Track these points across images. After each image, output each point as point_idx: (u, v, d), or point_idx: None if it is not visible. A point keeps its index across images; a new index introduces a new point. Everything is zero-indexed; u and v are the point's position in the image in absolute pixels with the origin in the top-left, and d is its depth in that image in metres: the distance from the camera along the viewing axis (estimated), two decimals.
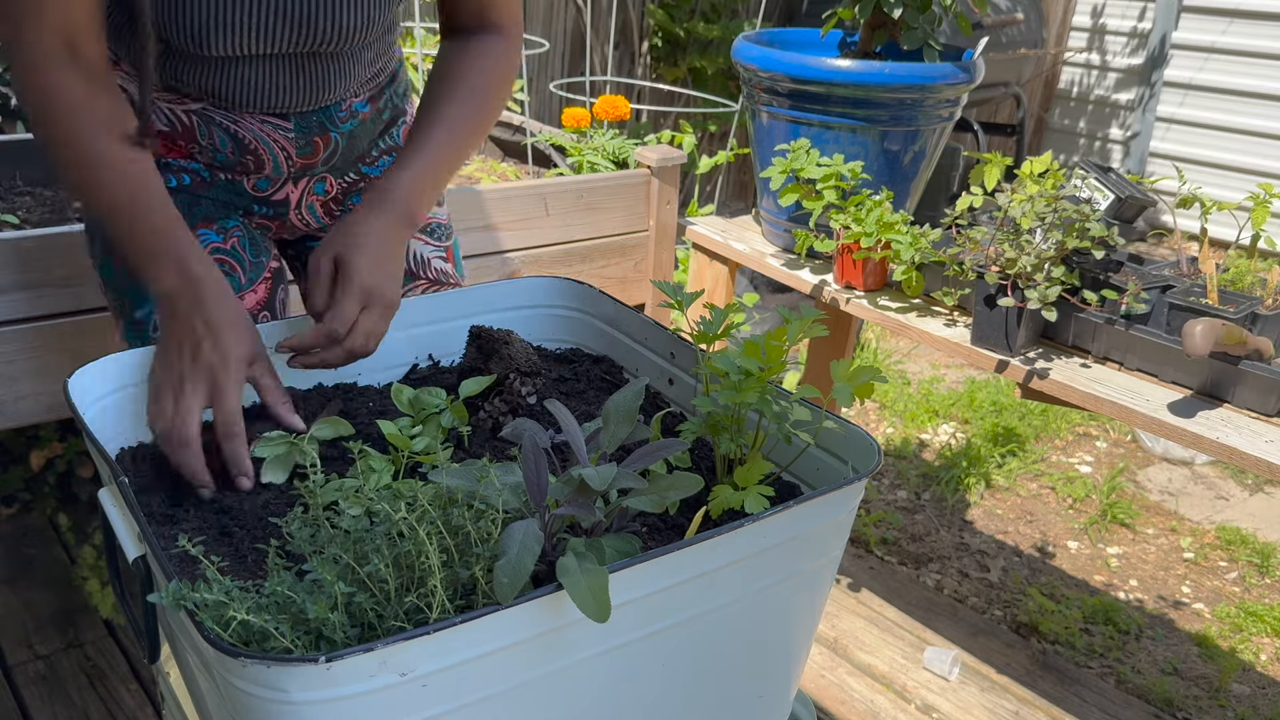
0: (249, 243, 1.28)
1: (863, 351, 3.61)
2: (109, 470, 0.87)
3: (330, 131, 1.26)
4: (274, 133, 1.22)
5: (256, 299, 1.28)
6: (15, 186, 1.98)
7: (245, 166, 1.24)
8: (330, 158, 1.28)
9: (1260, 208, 1.42)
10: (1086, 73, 5.23)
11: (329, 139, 1.26)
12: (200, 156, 1.24)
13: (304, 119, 1.23)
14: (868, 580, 2.45)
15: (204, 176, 1.25)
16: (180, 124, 1.21)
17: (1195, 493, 3.00)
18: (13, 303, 1.54)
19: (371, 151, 1.35)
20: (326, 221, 1.36)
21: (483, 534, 0.77)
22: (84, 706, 1.98)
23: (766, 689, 0.98)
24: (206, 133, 1.21)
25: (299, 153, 1.25)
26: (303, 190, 1.30)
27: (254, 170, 1.25)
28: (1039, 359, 1.49)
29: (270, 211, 1.31)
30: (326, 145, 1.26)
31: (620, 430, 0.91)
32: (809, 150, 1.69)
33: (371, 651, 0.66)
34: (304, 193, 1.31)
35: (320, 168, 1.29)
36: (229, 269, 1.25)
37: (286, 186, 1.29)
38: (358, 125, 1.29)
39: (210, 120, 1.20)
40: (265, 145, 1.22)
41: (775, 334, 0.96)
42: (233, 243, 1.26)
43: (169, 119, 1.21)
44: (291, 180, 1.29)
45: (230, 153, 1.22)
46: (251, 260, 1.28)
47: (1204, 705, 2.15)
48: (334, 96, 1.23)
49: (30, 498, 2.52)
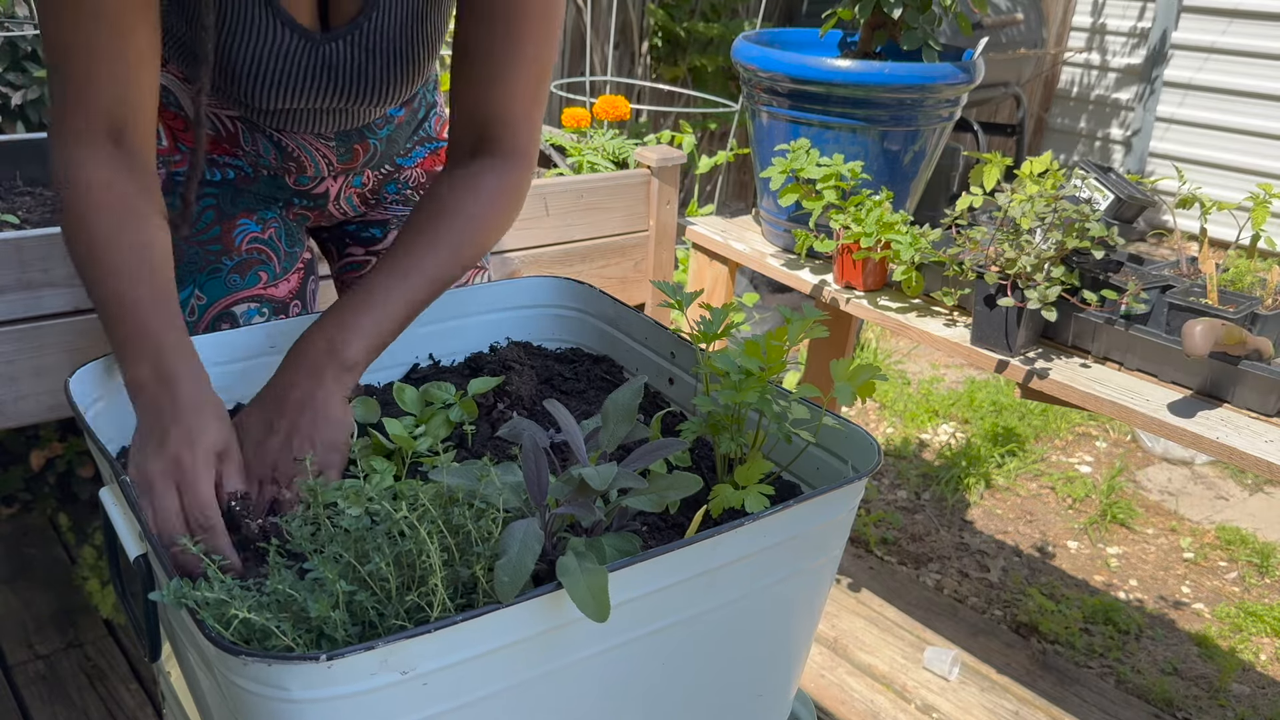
0: (285, 234, 1.33)
1: (863, 351, 3.61)
2: (110, 469, 0.87)
3: (369, 139, 1.30)
4: (316, 142, 1.26)
5: (290, 288, 1.33)
6: (15, 186, 1.98)
7: (288, 170, 1.28)
8: (370, 160, 1.33)
9: (1260, 208, 1.42)
10: (1086, 72, 5.23)
11: (368, 145, 1.30)
12: (244, 157, 1.27)
13: (344, 134, 1.27)
14: (868, 580, 2.45)
15: (247, 172, 1.29)
16: (225, 129, 1.24)
17: (1195, 493, 3.00)
18: (13, 303, 1.54)
19: (406, 145, 1.39)
20: (362, 209, 1.40)
21: (483, 533, 0.77)
22: (84, 706, 1.98)
23: (766, 688, 0.98)
24: (250, 139, 1.24)
25: (340, 160, 1.29)
26: (341, 185, 1.34)
27: (296, 172, 1.29)
28: (1039, 359, 1.49)
29: (310, 203, 1.35)
30: (366, 151, 1.30)
31: (619, 429, 0.91)
32: (809, 150, 1.69)
33: (372, 650, 0.66)
34: (342, 187, 1.35)
35: (360, 168, 1.34)
36: (265, 258, 1.29)
37: (326, 182, 1.33)
38: (394, 129, 1.33)
39: (255, 128, 1.23)
40: (308, 153, 1.26)
41: (775, 334, 0.96)
42: (270, 233, 1.31)
43: (215, 124, 1.23)
44: (331, 178, 1.33)
45: (273, 159, 1.26)
46: (286, 251, 1.32)
47: (1204, 705, 2.16)
48: (372, 119, 1.28)
49: (30, 498, 2.52)
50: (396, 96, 1.20)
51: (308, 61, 1.12)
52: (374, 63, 1.14)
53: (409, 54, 1.16)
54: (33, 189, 1.98)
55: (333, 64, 1.14)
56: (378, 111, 1.26)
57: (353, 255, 1.44)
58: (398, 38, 1.14)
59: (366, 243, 1.43)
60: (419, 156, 1.40)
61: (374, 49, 1.14)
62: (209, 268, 1.27)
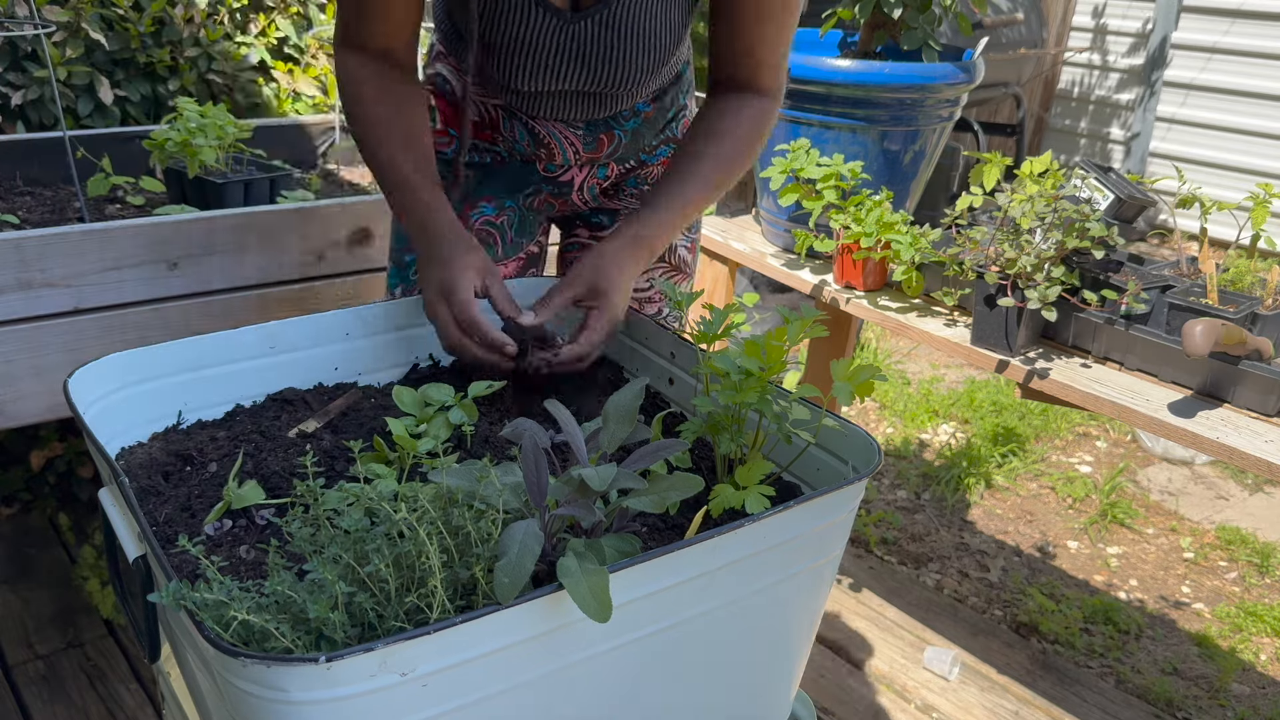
0: (518, 222, 1.45)
1: (863, 351, 3.61)
2: (109, 470, 0.87)
3: (615, 130, 1.39)
4: (566, 130, 1.36)
5: (505, 274, 1.44)
6: (15, 186, 1.98)
7: (538, 156, 1.40)
8: (614, 152, 1.42)
9: (1260, 208, 1.42)
10: (1087, 73, 5.23)
11: (613, 136, 1.39)
12: (502, 143, 1.41)
13: (592, 123, 1.37)
14: (868, 580, 2.45)
15: (503, 157, 1.42)
16: (488, 116, 1.38)
17: (1195, 493, 3.00)
18: (13, 303, 1.54)
19: (651, 141, 1.46)
20: (603, 200, 1.50)
21: (483, 534, 0.77)
22: (84, 706, 1.98)
23: (766, 688, 0.98)
24: (509, 125, 1.37)
25: (586, 149, 1.39)
26: (586, 175, 1.43)
27: (545, 159, 1.40)
28: (1039, 359, 1.49)
29: (556, 190, 1.45)
30: (611, 141, 1.40)
31: (620, 430, 0.91)
32: (809, 150, 1.69)
33: (372, 651, 0.66)
34: (587, 176, 1.44)
35: (604, 159, 1.42)
36: (491, 240, 1.43)
37: (572, 170, 1.42)
38: (641, 124, 1.41)
39: (513, 116, 1.36)
40: (557, 141, 1.37)
41: (775, 334, 0.96)
42: (503, 219, 1.44)
43: (480, 111, 1.38)
44: (577, 166, 1.42)
45: (526, 145, 1.38)
46: (514, 238, 1.45)
47: (1204, 705, 2.15)
48: (620, 109, 1.37)
49: (30, 498, 2.52)
50: (640, 80, 1.29)
51: (559, 40, 1.24)
52: (620, 43, 1.25)
53: (653, 36, 1.27)
54: (33, 189, 1.98)
55: (582, 43, 1.24)
56: (626, 101, 1.35)
57: (578, 236, 1.54)
58: (642, 18, 1.25)
59: (594, 228, 1.53)
60: (662, 155, 1.48)
61: (621, 29, 1.25)
62: None
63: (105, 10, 2.34)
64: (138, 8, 2.39)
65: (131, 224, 1.61)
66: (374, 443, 1.02)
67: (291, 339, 1.14)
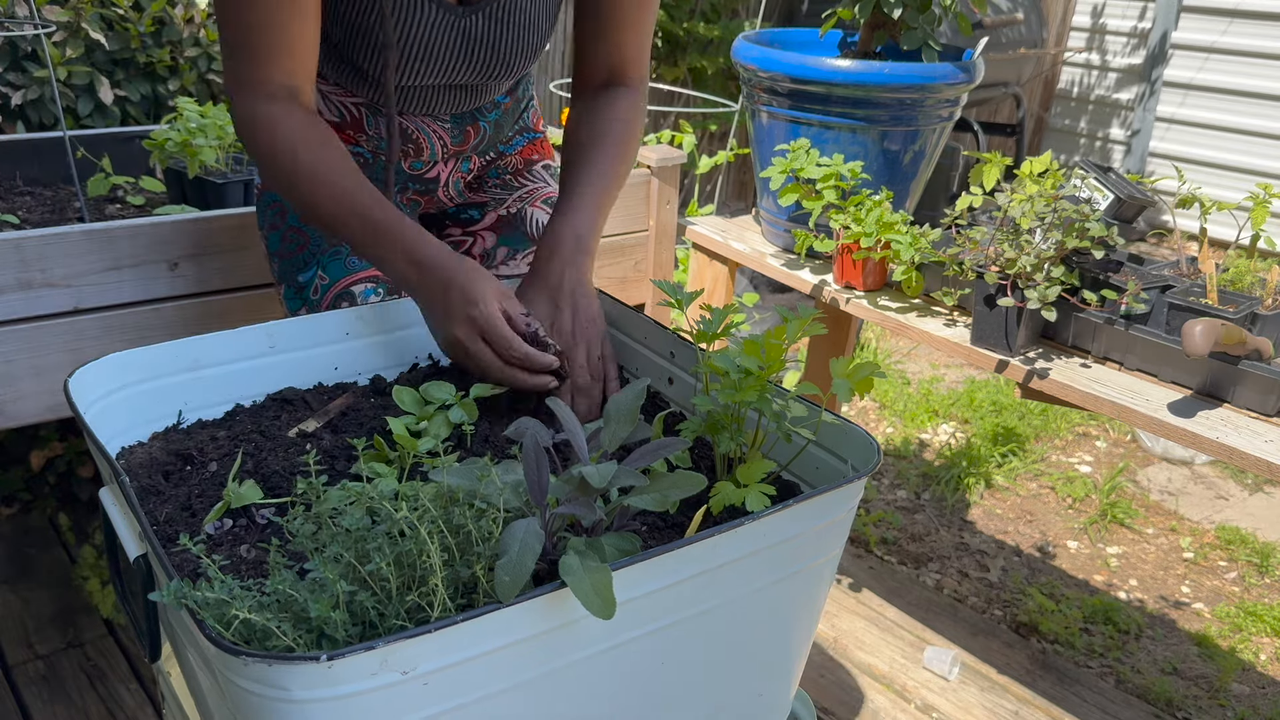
0: None
1: (863, 351, 3.61)
2: (109, 469, 0.87)
3: (480, 121, 1.43)
4: (433, 124, 1.38)
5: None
6: (15, 186, 1.98)
7: (406, 152, 1.40)
8: (479, 144, 1.46)
9: (1260, 208, 1.42)
10: (1086, 72, 5.23)
11: (479, 128, 1.43)
12: (366, 143, 1.39)
13: (459, 116, 1.40)
14: (868, 580, 2.45)
15: (366, 158, 1.41)
16: (350, 115, 1.37)
17: (1195, 492, 3.00)
18: (13, 303, 1.54)
19: (508, 132, 1.51)
20: (468, 195, 1.53)
21: (484, 533, 0.77)
22: (84, 706, 1.98)
23: (766, 687, 0.98)
24: (373, 123, 1.37)
25: (454, 141, 1.42)
26: (451, 170, 1.46)
27: (413, 155, 1.41)
28: (1039, 359, 1.49)
29: (422, 188, 1.47)
30: (476, 133, 1.44)
31: (621, 429, 0.91)
32: (809, 150, 1.69)
33: (373, 650, 0.66)
34: (452, 171, 1.47)
35: (469, 151, 1.46)
36: None
37: (438, 166, 1.45)
38: (502, 115, 1.47)
39: (376, 113, 1.36)
40: (425, 134, 1.38)
41: (775, 333, 0.96)
42: None
43: (340, 110, 1.37)
44: (443, 161, 1.44)
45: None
46: None
47: (1204, 705, 2.16)
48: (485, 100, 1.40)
49: (30, 498, 2.53)
50: (517, 69, 1.34)
51: (450, 34, 1.25)
52: (506, 34, 1.29)
53: (533, 26, 1.31)
54: (33, 189, 1.98)
55: (470, 36, 1.26)
56: (495, 91, 1.39)
57: (451, 235, 1.56)
58: (527, 8, 1.29)
59: (465, 224, 1.55)
60: (519, 145, 1.54)
61: (507, 21, 1.28)
62: (330, 250, 1.39)
63: (105, 10, 2.34)
64: (138, 8, 2.39)
65: (131, 224, 1.61)
66: (374, 442, 1.02)
67: (291, 339, 1.14)
